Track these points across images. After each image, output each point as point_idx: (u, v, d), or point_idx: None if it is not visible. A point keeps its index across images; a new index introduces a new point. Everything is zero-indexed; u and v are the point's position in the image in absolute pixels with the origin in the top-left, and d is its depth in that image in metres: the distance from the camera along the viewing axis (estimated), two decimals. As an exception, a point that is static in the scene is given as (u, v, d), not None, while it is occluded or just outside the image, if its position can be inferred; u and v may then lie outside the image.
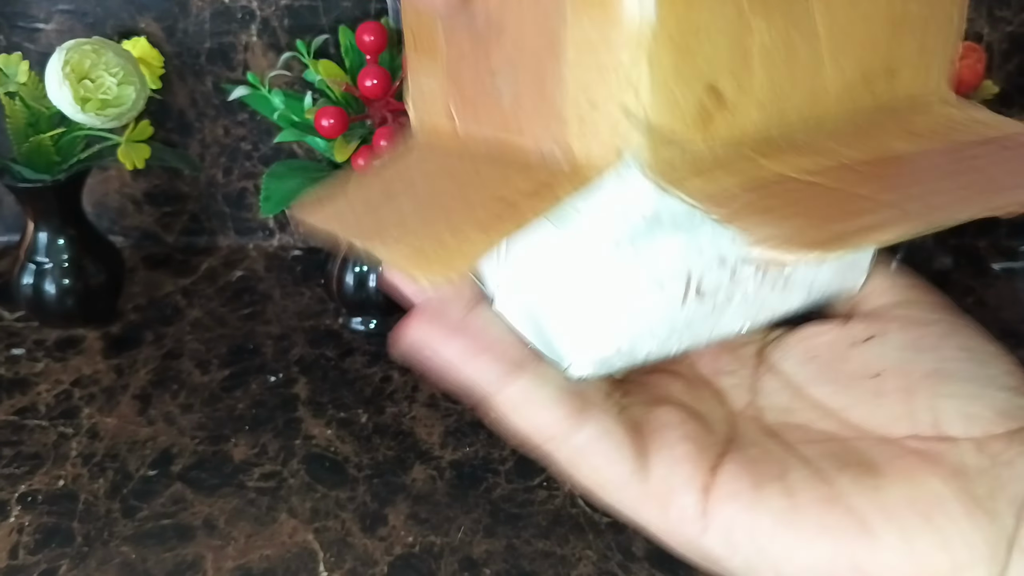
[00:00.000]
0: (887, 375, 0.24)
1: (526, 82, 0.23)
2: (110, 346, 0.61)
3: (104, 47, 0.53)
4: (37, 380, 0.58)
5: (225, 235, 0.73)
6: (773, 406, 0.26)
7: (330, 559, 0.46)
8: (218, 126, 0.68)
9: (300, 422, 0.55)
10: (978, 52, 0.59)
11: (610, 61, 0.20)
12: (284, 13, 0.64)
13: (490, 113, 0.24)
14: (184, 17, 0.64)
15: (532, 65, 0.22)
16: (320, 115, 0.51)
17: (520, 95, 0.23)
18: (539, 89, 0.22)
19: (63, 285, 0.60)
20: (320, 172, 0.56)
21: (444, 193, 0.24)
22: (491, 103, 0.24)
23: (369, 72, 0.52)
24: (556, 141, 0.22)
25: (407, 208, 0.24)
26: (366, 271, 0.60)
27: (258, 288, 0.68)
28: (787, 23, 0.22)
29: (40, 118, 0.55)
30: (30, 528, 0.47)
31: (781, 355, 0.27)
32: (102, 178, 0.70)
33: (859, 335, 0.26)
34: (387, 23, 0.56)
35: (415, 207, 0.24)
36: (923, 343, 0.25)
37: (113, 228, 0.72)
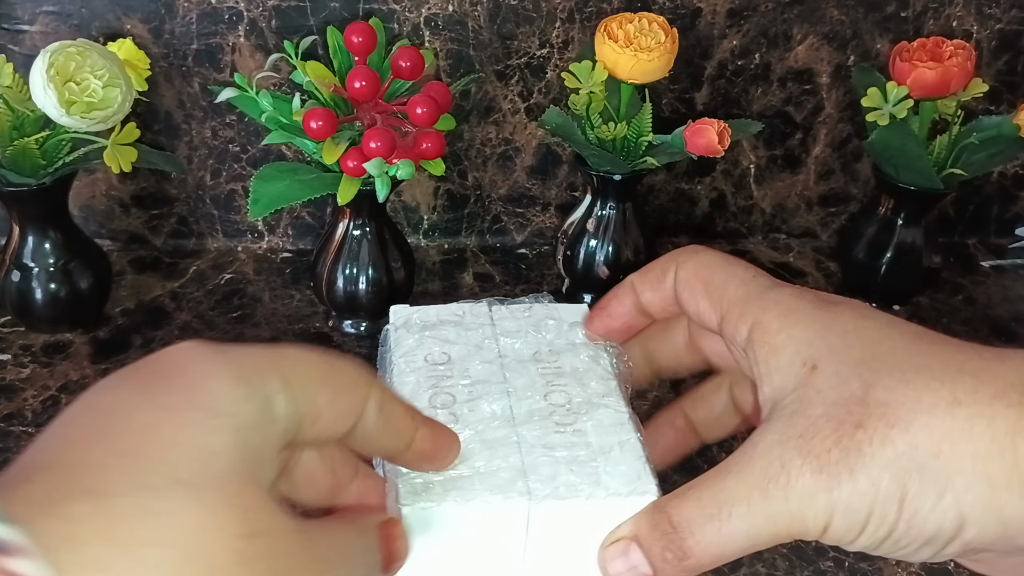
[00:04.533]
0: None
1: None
2: (98, 351, 0.61)
3: (89, 49, 0.52)
4: (23, 386, 0.57)
5: (214, 238, 0.73)
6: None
7: (321, 565, 0.45)
8: (206, 128, 0.68)
9: (290, 426, 0.55)
10: (967, 50, 0.59)
11: None
12: (272, 14, 0.64)
13: None
14: (170, 18, 0.64)
15: None
16: (308, 117, 0.50)
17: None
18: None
19: (49, 289, 0.59)
20: (309, 174, 0.55)
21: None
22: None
23: (358, 73, 0.52)
24: None
25: None
26: (356, 273, 0.60)
27: (247, 291, 0.68)
28: None
29: (25, 121, 0.55)
30: (17, 536, 0.47)
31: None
32: (88, 181, 0.69)
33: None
34: (376, 23, 0.56)
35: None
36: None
37: (100, 231, 0.71)
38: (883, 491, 0.24)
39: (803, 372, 0.27)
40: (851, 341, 0.27)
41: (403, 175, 0.51)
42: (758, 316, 0.29)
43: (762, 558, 0.47)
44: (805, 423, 0.26)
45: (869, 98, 0.59)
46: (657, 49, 0.55)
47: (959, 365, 0.25)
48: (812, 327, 0.28)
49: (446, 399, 0.34)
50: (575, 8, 0.65)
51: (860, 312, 0.28)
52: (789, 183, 0.74)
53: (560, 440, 0.32)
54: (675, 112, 0.70)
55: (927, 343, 0.27)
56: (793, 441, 0.26)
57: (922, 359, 0.26)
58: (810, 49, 0.68)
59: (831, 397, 0.26)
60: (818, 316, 0.28)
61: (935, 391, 0.25)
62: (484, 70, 0.67)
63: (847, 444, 0.25)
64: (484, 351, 0.36)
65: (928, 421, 0.24)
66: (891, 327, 0.28)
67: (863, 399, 0.25)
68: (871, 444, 0.25)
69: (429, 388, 0.34)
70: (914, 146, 0.59)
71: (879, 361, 0.26)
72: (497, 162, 0.71)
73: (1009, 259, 0.75)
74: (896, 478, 0.24)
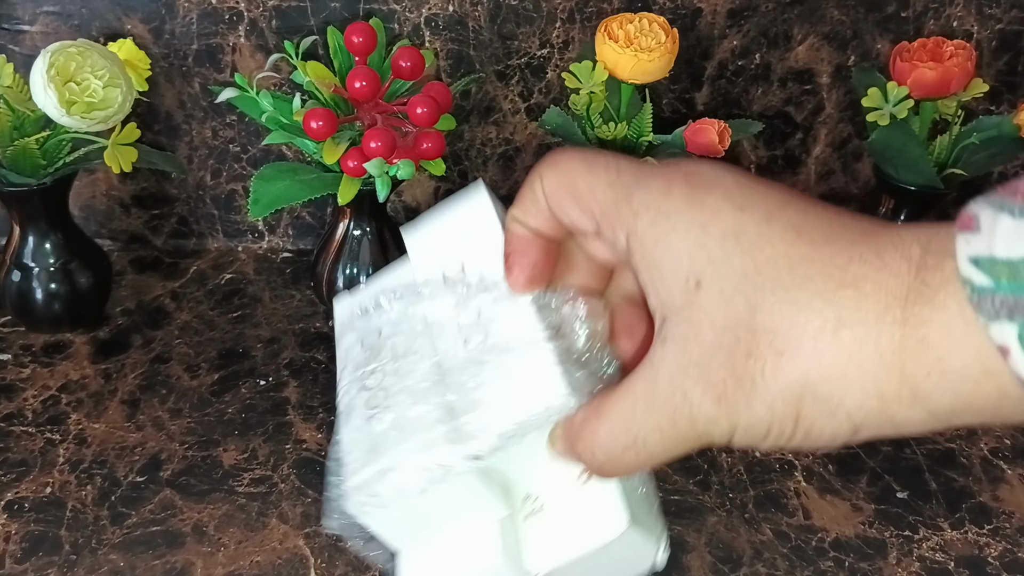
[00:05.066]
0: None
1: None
2: (98, 351, 0.61)
3: (89, 49, 0.53)
4: (24, 386, 0.57)
5: (214, 238, 0.73)
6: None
7: (321, 565, 0.46)
8: (206, 128, 0.68)
9: (290, 426, 0.55)
10: (968, 50, 0.59)
11: None
12: (272, 14, 0.64)
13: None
14: (171, 18, 0.64)
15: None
16: (309, 117, 0.50)
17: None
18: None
19: (50, 289, 0.59)
20: (309, 174, 0.55)
21: None
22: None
23: (358, 74, 0.52)
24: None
25: None
26: (356, 273, 0.60)
27: (247, 291, 0.68)
28: None
29: (25, 121, 0.55)
30: (17, 536, 0.47)
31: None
32: (89, 181, 0.69)
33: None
34: (376, 24, 0.56)
35: None
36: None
37: (100, 231, 0.71)
38: (779, 413, 0.26)
39: (687, 289, 0.27)
40: (730, 248, 0.27)
41: (403, 175, 0.51)
42: (631, 224, 0.28)
43: (762, 558, 0.47)
44: (699, 351, 0.27)
45: (869, 98, 0.59)
46: (657, 49, 0.55)
47: (840, 275, 0.25)
48: (689, 234, 0.27)
49: (376, 395, 0.34)
50: (575, 8, 0.65)
51: (735, 201, 0.27)
52: (790, 183, 0.74)
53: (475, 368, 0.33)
54: (675, 112, 0.70)
55: (806, 242, 0.26)
56: (691, 370, 0.27)
57: (803, 269, 0.26)
58: (810, 49, 0.68)
59: (719, 321, 0.27)
60: (692, 217, 0.27)
61: (820, 311, 0.25)
62: (484, 70, 0.67)
63: (740, 374, 0.26)
64: (412, 328, 0.35)
65: (815, 347, 0.25)
66: (768, 221, 0.27)
67: (750, 324, 0.26)
68: (763, 375, 0.26)
69: (360, 391, 0.34)
70: (914, 146, 0.59)
71: (761, 275, 0.26)
72: (498, 162, 0.71)
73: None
74: (790, 403, 0.26)
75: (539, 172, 0.31)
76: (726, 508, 0.50)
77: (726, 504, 0.50)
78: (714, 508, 0.50)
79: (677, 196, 0.28)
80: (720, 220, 0.27)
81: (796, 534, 0.48)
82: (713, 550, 0.47)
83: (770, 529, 0.48)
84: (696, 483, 0.51)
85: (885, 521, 0.49)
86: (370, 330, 0.36)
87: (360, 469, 0.32)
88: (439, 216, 0.36)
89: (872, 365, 0.24)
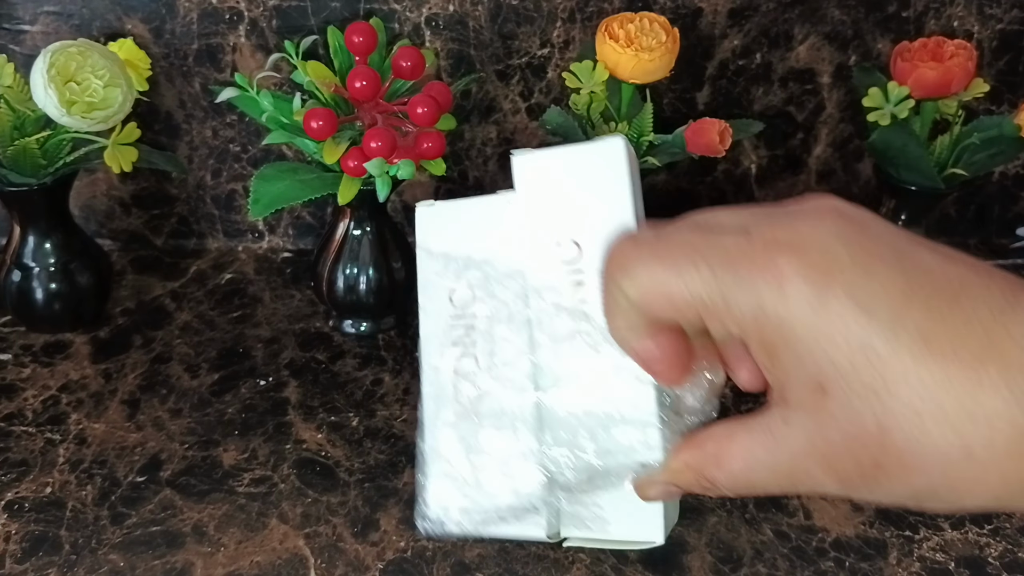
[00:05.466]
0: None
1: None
2: (98, 351, 0.61)
3: (90, 49, 0.52)
4: (24, 386, 0.57)
5: (214, 237, 0.73)
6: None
7: (321, 565, 0.46)
8: (206, 128, 0.68)
9: (290, 426, 0.55)
10: (968, 50, 0.59)
11: None
12: (272, 14, 0.64)
13: None
14: (171, 18, 0.64)
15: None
16: (309, 117, 0.50)
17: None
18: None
19: (50, 289, 0.59)
20: (310, 174, 0.55)
21: None
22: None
23: (358, 73, 0.52)
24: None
25: None
26: (356, 273, 0.60)
27: (248, 291, 0.68)
28: None
29: (26, 121, 0.55)
30: (17, 536, 0.47)
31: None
32: (89, 181, 0.69)
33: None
34: (376, 23, 0.56)
35: None
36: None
37: (101, 231, 0.71)
38: (899, 500, 0.27)
39: (814, 392, 0.27)
40: (859, 363, 0.26)
41: (404, 175, 0.51)
42: (745, 326, 0.27)
43: (763, 558, 0.47)
44: (826, 448, 0.27)
45: (870, 98, 0.59)
46: (658, 49, 0.55)
47: (972, 405, 0.25)
48: (816, 345, 0.26)
49: (468, 365, 0.35)
50: (576, 8, 0.65)
51: (859, 302, 0.26)
52: (790, 183, 0.74)
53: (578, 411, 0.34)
54: (676, 112, 0.70)
55: (936, 357, 0.25)
56: (817, 458, 0.28)
57: (935, 394, 0.25)
58: (811, 49, 0.68)
59: (848, 429, 0.27)
60: (817, 327, 0.26)
61: (951, 442, 0.25)
62: (485, 70, 0.67)
63: (868, 475, 0.27)
64: (511, 310, 0.36)
65: (944, 468, 0.26)
66: (895, 330, 0.25)
67: (881, 442, 0.26)
68: (889, 479, 0.27)
69: (451, 344, 0.36)
70: (915, 146, 0.59)
71: (892, 396, 0.26)
72: (498, 162, 0.71)
73: (1010, 259, 0.75)
74: (912, 499, 0.27)
75: (616, 282, 0.30)
76: (726, 508, 0.50)
77: (726, 504, 0.50)
78: (714, 508, 0.50)
79: (794, 297, 0.26)
80: (847, 331, 0.26)
81: (797, 534, 0.48)
82: (713, 550, 0.47)
83: (771, 529, 0.48)
84: (696, 483, 0.51)
85: (886, 521, 0.49)
86: (463, 287, 0.37)
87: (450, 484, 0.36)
88: (564, 161, 0.35)
89: (999, 487, 0.26)
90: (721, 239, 0.28)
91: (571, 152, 0.35)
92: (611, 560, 0.46)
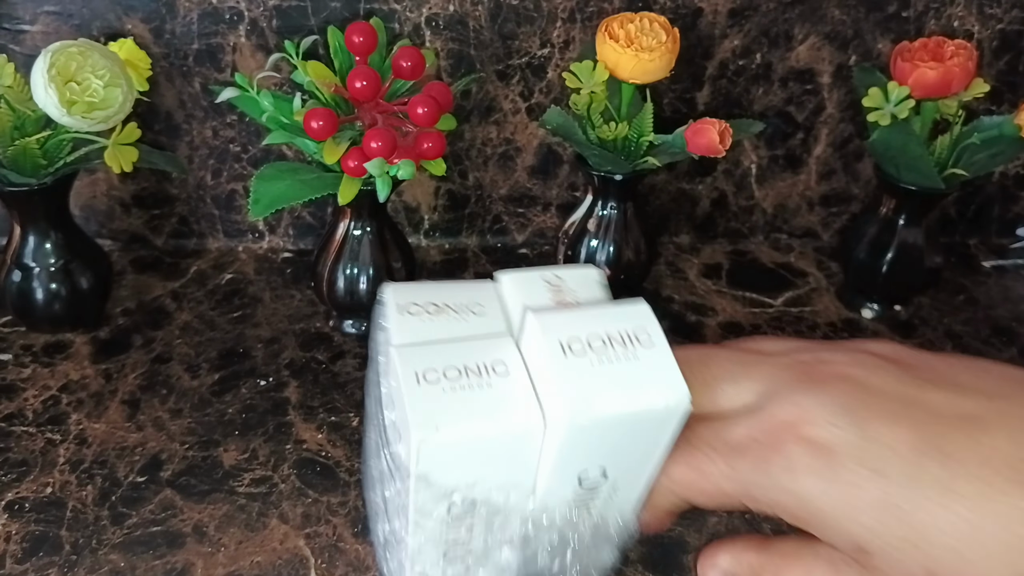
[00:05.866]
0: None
1: None
2: (98, 351, 0.61)
3: (90, 49, 0.52)
4: (24, 386, 0.57)
5: (214, 238, 0.73)
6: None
7: (321, 565, 0.46)
8: (207, 128, 0.68)
9: (291, 426, 0.55)
10: (968, 50, 0.59)
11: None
12: (272, 14, 0.64)
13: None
14: (171, 18, 0.64)
15: None
16: (309, 117, 0.50)
17: None
18: None
19: (50, 289, 0.59)
20: (310, 174, 0.55)
21: None
22: None
23: (358, 73, 0.52)
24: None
25: None
26: (357, 273, 0.60)
27: (248, 291, 0.68)
28: None
29: (26, 121, 0.55)
30: (17, 536, 0.47)
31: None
32: (89, 181, 0.69)
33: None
34: (376, 23, 0.56)
35: None
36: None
37: (101, 231, 0.72)
38: None
39: (857, 552, 0.28)
40: (887, 520, 0.27)
41: (404, 175, 0.51)
42: (772, 508, 0.29)
43: (763, 558, 0.47)
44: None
45: (870, 98, 0.59)
46: (658, 49, 0.55)
47: (1009, 536, 0.25)
48: (839, 513, 0.27)
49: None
50: (576, 8, 0.65)
51: (867, 463, 0.27)
52: (790, 183, 0.74)
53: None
54: (676, 112, 0.70)
55: (963, 500, 0.26)
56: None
57: (968, 533, 0.26)
58: (811, 49, 0.68)
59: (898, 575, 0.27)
60: (835, 496, 0.27)
61: (999, 572, 0.25)
62: (485, 70, 0.67)
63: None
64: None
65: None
66: (911, 482, 0.26)
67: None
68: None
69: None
70: (915, 146, 0.59)
71: (929, 543, 0.26)
72: (498, 162, 0.71)
73: (1010, 259, 0.75)
74: None
75: (660, 483, 0.32)
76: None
77: (727, 504, 0.50)
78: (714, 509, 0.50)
79: (805, 475, 0.27)
80: (867, 495, 0.27)
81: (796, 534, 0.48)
82: (714, 550, 0.47)
83: (771, 529, 0.48)
84: (697, 483, 0.51)
85: (886, 521, 0.49)
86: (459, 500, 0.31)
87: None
88: (623, 417, 0.29)
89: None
90: (732, 429, 0.29)
91: (632, 413, 0.29)
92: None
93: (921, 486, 0.26)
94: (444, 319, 0.32)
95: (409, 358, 0.29)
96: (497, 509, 0.31)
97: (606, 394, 0.28)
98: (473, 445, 0.28)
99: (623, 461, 0.31)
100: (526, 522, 0.32)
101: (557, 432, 0.29)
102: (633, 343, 0.29)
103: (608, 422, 0.28)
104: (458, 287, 0.33)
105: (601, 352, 0.29)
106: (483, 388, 0.29)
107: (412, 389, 0.28)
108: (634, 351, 0.29)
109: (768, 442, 0.28)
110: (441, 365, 0.29)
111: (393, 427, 0.30)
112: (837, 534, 0.28)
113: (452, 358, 0.29)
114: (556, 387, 0.28)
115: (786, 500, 0.28)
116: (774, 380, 0.30)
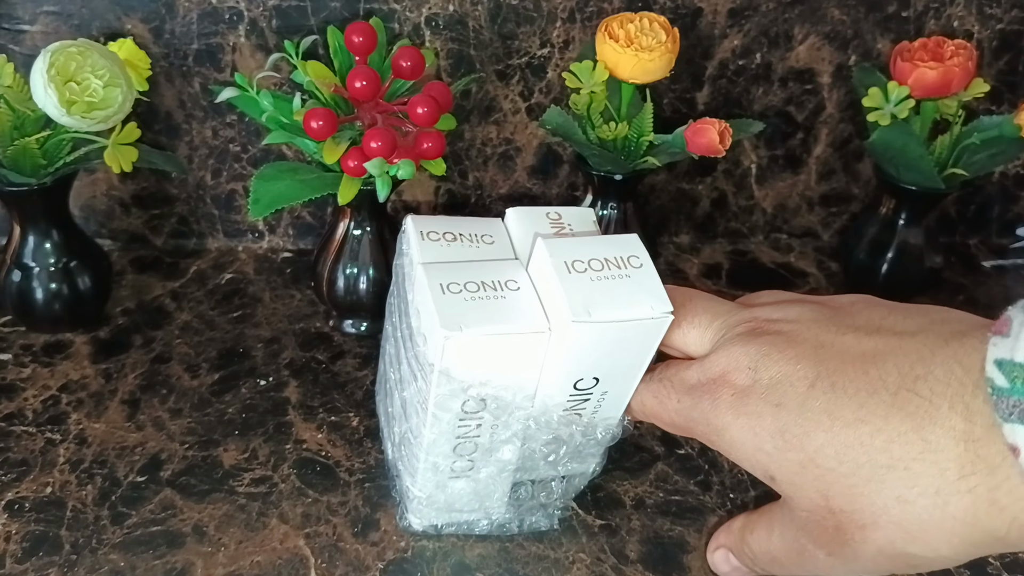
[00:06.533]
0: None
1: None
2: (98, 351, 0.61)
3: (90, 49, 0.52)
4: (24, 386, 0.57)
5: (214, 237, 0.73)
6: None
7: (321, 565, 0.46)
8: (206, 128, 0.68)
9: (291, 426, 0.55)
10: (968, 50, 0.59)
11: None
12: (272, 14, 0.64)
13: None
14: (171, 18, 0.64)
15: None
16: (309, 117, 0.50)
17: None
18: None
19: (50, 289, 0.59)
20: (310, 174, 0.55)
21: None
22: None
23: (358, 73, 0.52)
24: None
25: None
26: (357, 273, 0.60)
27: (248, 291, 0.68)
28: None
29: (25, 121, 0.55)
30: (17, 536, 0.47)
31: None
32: (89, 181, 0.69)
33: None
34: (376, 23, 0.56)
35: None
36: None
37: (101, 231, 0.71)
38: (882, 566, 0.31)
39: (769, 480, 0.33)
40: (780, 444, 0.31)
41: (404, 175, 0.51)
42: (701, 437, 0.36)
43: (763, 558, 0.47)
44: (802, 522, 0.32)
45: (870, 98, 0.59)
46: (658, 49, 0.55)
47: (885, 458, 0.28)
48: (746, 442, 0.33)
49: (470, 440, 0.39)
50: (576, 8, 0.65)
51: (770, 400, 0.31)
52: (790, 183, 0.74)
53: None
54: (676, 112, 0.70)
55: (841, 426, 0.29)
56: (804, 535, 0.33)
57: (850, 455, 0.29)
58: (811, 49, 0.68)
59: (804, 504, 0.32)
60: (742, 426, 0.33)
61: (879, 492, 0.29)
62: (485, 70, 0.67)
63: (840, 540, 0.31)
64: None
65: (890, 519, 0.29)
66: (803, 412, 0.30)
67: (828, 507, 0.30)
68: (855, 541, 0.30)
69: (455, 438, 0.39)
70: (915, 146, 0.59)
71: (816, 465, 0.30)
72: (498, 162, 0.71)
73: (1010, 259, 0.75)
74: (889, 558, 0.30)
75: (632, 405, 0.40)
76: (727, 508, 0.50)
77: (727, 504, 0.50)
78: (715, 508, 0.50)
79: (723, 409, 0.33)
80: (765, 423, 0.32)
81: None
82: (714, 550, 0.47)
83: (771, 529, 0.48)
84: (697, 484, 0.51)
85: (886, 521, 0.49)
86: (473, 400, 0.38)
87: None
88: (615, 328, 0.35)
89: (951, 525, 0.27)
90: (687, 372, 0.35)
91: (620, 323, 0.35)
92: (611, 560, 0.46)
93: (809, 415, 0.30)
94: (460, 246, 0.38)
95: (434, 272, 0.35)
96: (504, 406, 0.36)
97: (603, 305, 0.34)
98: (489, 345, 0.34)
99: (613, 369, 0.36)
100: (527, 420, 0.37)
101: (560, 337, 0.34)
102: (625, 265, 0.36)
103: (604, 329, 0.34)
104: (472, 221, 0.40)
105: (598, 271, 0.35)
106: (498, 299, 0.35)
107: (438, 297, 0.34)
108: (626, 272, 0.35)
109: (707, 386, 0.34)
110: (461, 279, 0.35)
111: (419, 332, 0.36)
112: (749, 462, 0.33)
113: (470, 274, 0.36)
114: (560, 298, 0.34)
115: (710, 432, 0.34)
116: (727, 333, 0.35)
